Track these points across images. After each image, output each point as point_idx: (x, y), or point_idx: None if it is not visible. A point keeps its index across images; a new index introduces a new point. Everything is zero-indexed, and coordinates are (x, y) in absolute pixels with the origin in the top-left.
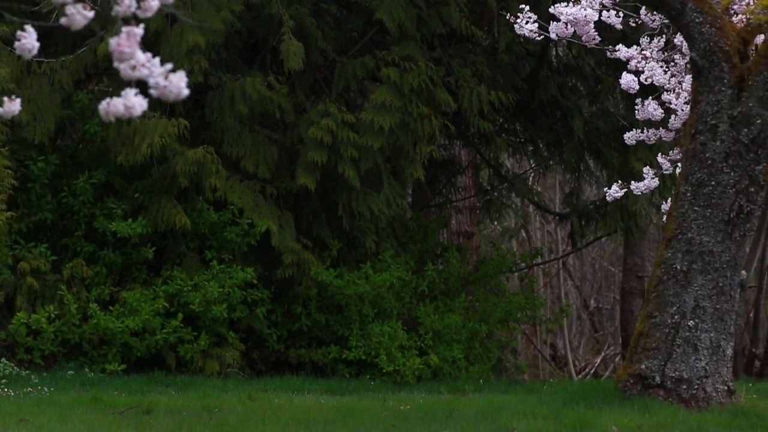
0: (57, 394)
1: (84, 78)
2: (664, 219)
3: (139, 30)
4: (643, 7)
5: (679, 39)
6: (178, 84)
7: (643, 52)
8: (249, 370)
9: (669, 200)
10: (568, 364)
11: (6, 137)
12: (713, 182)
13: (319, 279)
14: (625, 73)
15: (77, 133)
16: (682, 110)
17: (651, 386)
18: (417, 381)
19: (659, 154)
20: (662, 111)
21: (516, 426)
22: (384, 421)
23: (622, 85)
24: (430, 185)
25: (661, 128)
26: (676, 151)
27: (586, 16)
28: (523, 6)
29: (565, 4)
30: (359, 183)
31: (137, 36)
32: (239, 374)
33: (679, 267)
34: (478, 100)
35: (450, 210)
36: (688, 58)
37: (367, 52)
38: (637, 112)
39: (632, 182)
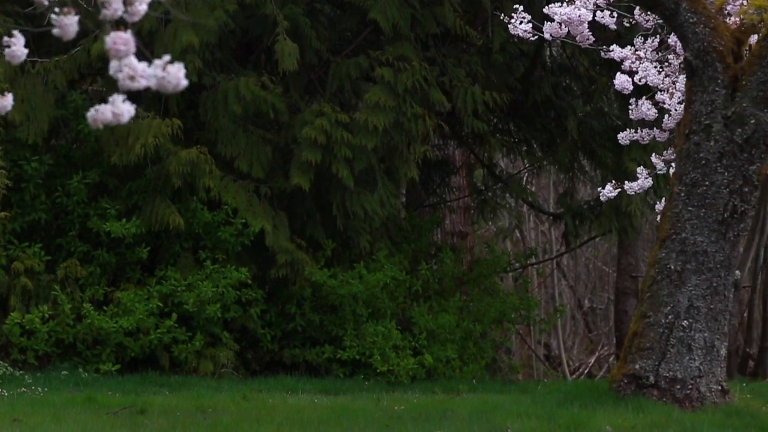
0: (51, 394)
1: (78, 78)
2: (658, 219)
3: (127, 35)
4: (637, 8)
5: (673, 39)
6: (176, 75)
7: (637, 52)
8: (243, 370)
9: (663, 200)
10: (562, 364)
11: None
12: (707, 182)
13: (313, 279)
14: (619, 73)
15: (71, 133)
16: (676, 110)
17: (645, 386)
18: (411, 381)
19: (653, 154)
20: (656, 111)
21: (510, 426)
22: (378, 421)
23: (616, 86)
24: (424, 185)
25: (655, 128)
26: (669, 151)
27: (580, 16)
28: (517, 6)
29: (559, 4)
30: (353, 183)
31: (131, 42)
32: (233, 374)
33: (673, 267)
34: (472, 100)
35: (444, 210)
36: (682, 58)
37: (361, 52)
38: (630, 112)
39: (626, 182)
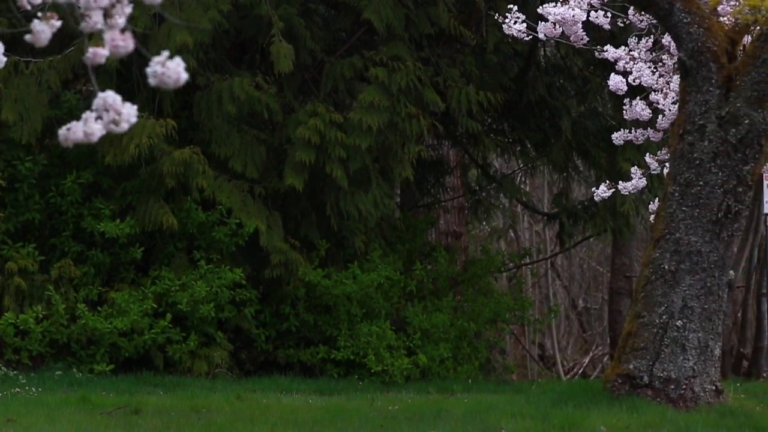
0: (45, 394)
1: (72, 78)
2: (652, 219)
3: (104, 51)
4: (631, 8)
5: (667, 39)
6: (176, 69)
7: (631, 52)
8: (237, 370)
9: (657, 200)
10: (556, 364)
11: None
12: (701, 182)
13: (307, 279)
14: (613, 74)
15: None
16: (670, 110)
17: (639, 386)
18: (405, 381)
19: (647, 154)
20: (650, 111)
21: (504, 426)
22: (372, 421)
23: (611, 87)
24: (418, 185)
25: (649, 128)
26: (663, 151)
27: (574, 16)
28: (512, 6)
29: (554, 4)
30: (347, 183)
31: (129, 41)
32: (227, 374)
33: (667, 267)
34: (467, 100)
35: (438, 210)
36: (676, 58)
37: (355, 52)
38: (625, 112)
39: (620, 182)
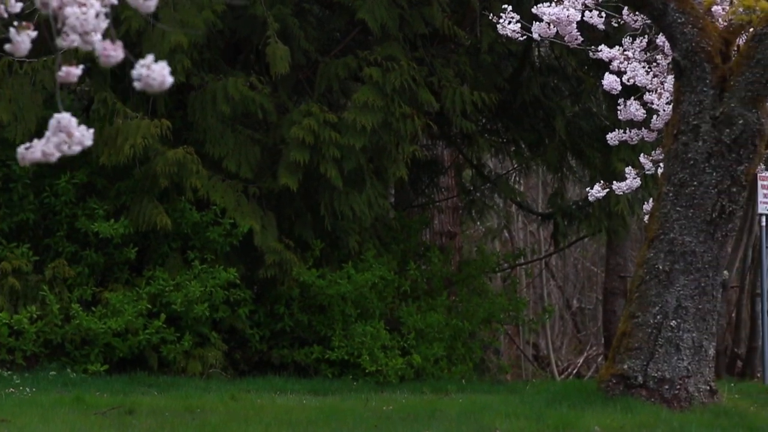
0: (39, 394)
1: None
2: (646, 219)
3: (78, 70)
4: (626, 8)
5: (661, 39)
6: (161, 72)
7: (625, 52)
8: (231, 370)
9: (651, 200)
10: (550, 365)
11: None
12: (695, 182)
13: (302, 279)
14: (607, 74)
15: None
16: (664, 110)
17: (633, 386)
18: (400, 381)
19: (641, 154)
20: (644, 111)
21: (499, 426)
22: (367, 422)
23: (605, 86)
24: (412, 185)
25: (644, 128)
26: (658, 152)
27: (568, 16)
28: (506, 6)
29: (548, 4)
30: (342, 183)
31: (120, 50)
32: (222, 374)
33: (661, 267)
34: (461, 100)
35: (433, 210)
36: (670, 58)
37: (349, 52)
38: (619, 112)
39: (614, 182)
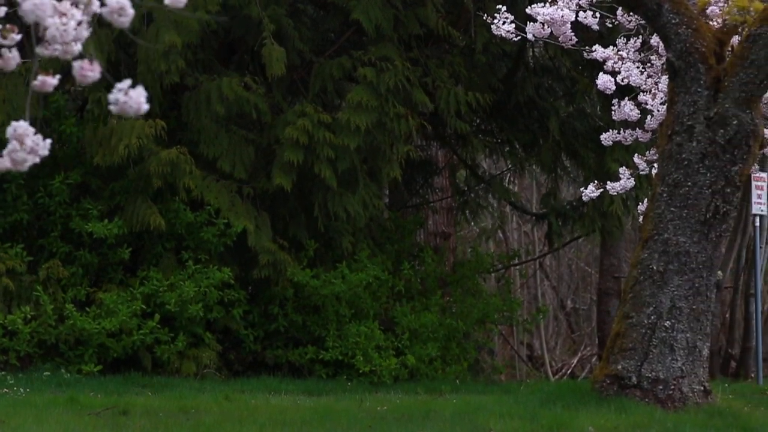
0: (33, 395)
1: (60, 78)
2: (641, 219)
3: (54, 80)
4: (620, 8)
5: (655, 40)
6: (137, 99)
7: (619, 52)
8: (226, 370)
9: (645, 201)
10: (544, 365)
11: None
12: (689, 183)
13: (296, 279)
14: (601, 73)
15: (53, 133)
16: (659, 111)
17: (627, 387)
18: (394, 381)
19: (635, 154)
20: (638, 112)
21: (493, 426)
22: (361, 422)
23: (599, 86)
24: (407, 186)
25: (638, 129)
26: (652, 152)
27: (563, 16)
28: (500, 6)
29: (542, 4)
30: (336, 183)
31: (97, 70)
32: (216, 375)
33: (655, 267)
34: (455, 100)
35: (427, 210)
36: (664, 58)
37: (343, 52)
38: (613, 112)
39: (608, 182)
